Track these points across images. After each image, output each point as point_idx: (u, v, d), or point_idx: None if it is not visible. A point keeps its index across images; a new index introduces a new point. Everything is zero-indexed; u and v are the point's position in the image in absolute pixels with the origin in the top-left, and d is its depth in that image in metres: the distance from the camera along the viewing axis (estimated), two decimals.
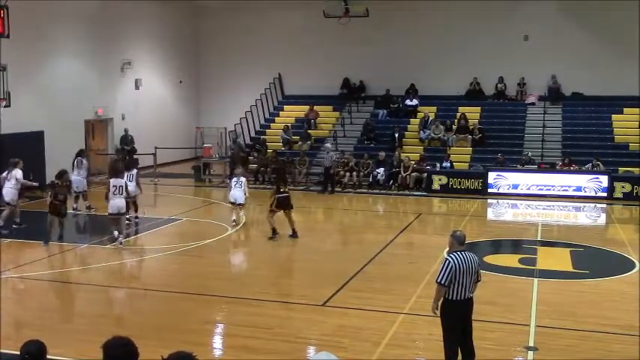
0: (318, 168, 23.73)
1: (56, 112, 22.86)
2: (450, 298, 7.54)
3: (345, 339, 9.11)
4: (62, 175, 15.16)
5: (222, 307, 10.86)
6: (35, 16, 21.33)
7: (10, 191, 16.00)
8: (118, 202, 14.73)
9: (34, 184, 17.25)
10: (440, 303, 7.62)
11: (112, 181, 14.86)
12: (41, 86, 22.55)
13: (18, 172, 16.19)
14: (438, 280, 7.54)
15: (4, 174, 16.27)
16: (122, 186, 14.89)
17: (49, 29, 22.84)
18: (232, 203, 16.75)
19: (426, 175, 22.46)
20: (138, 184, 17.23)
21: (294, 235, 15.40)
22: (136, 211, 17.30)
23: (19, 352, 5.18)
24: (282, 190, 15.30)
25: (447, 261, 7.56)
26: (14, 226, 16.13)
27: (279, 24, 29.44)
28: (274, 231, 15.23)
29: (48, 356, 5.25)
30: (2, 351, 7.50)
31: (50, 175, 19.62)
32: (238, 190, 16.56)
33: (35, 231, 15.42)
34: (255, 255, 15.02)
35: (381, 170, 23.04)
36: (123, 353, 4.27)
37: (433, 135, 25.12)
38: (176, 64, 30.47)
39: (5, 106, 18.94)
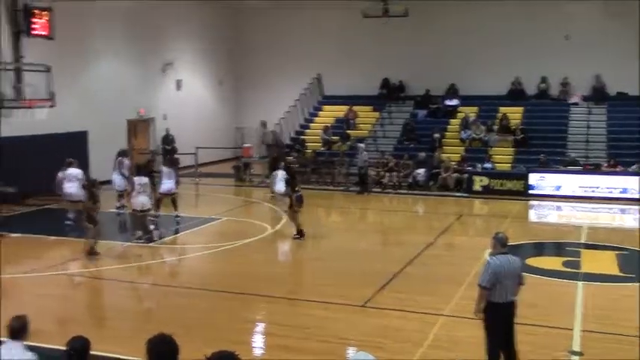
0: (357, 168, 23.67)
1: (99, 112, 23.19)
2: (492, 300, 7.44)
3: (385, 340, 9.06)
4: (96, 182, 14.78)
5: (261, 307, 10.90)
6: (79, 17, 21.67)
7: (75, 189, 16.27)
8: (142, 199, 15.05)
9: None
10: (482, 306, 7.52)
11: (137, 179, 15.24)
12: (85, 87, 22.90)
13: (79, 172, 16.63)
14: (480, 283, 7.45)
15: (60, 174, 16.60)
16: (146, 183, 15.23)
17: (93, 30, 23.18)
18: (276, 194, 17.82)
19: (466, 175, 22.24)
20: (176, 182, 17.46)
21: (300, 235, 15.48)
22: (175, 209, 17.49)
23: (64, 348, 5.28)
24: (297, 189, 15.56)
25: (489, 264, 7.48)
26: (67, 222, 16.46)
27: (318, 24, 29.44)
28: (301, 232, 15.36)
29: (92, 352, 5.34)
30: (49, 346, 7.62)
31: (94, 175, 19.98)
32: (281, 184, 17.33)
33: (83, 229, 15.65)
34: (295, 255, 15.04)
35: (421, 171, 22.87)
36: (166, 351, 4.32)
37: (474, 135, 24.85)
38: (216, 64, 30.70)
39: (50, 107, 19.31)
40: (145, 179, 15.33)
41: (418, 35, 27.67)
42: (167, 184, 16.97)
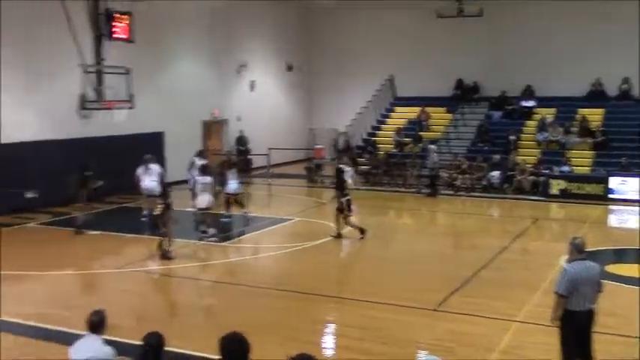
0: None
1: (175, 113, 23.74)
2: (569, 308, 7.20)
3: (456, 344, 8.93)
4: (169, 193, 14.61)
5: (331, 308, 10.93)
6: (155, 20, 22.24)
7: (154, 184, 16.75)
8: (205, 198, 15.48)
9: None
10: (559, 314, 7.29)
11: (200, 179, 15.65)
12: (161, 88, 23.45)
13: (158, 167, 17.21)
14: (557, 291, 7.23)
15: (140, 169, 17.09)
16: (209, 183, 15.66)
17: (169, 32, 23.77)
18: None
19: (543, 179, 21.68)
20: (240, 182, 17.86)
21: (339, 236, 15.45)
22: (242, 207, 17.77)
23: (140, 343, 5.42)
24: (346, 192, 15.60)
25: (566, 271, 7.24)
26: (142, 218, 16.93)
27: (391, 24, 29.32)
28: (362, 230, 15.43)
29: (166, 348, 5.46)
30: (125, 341, 7.84)
31: (170, 175, 20.49)
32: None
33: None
34: (366, 256, 14.97)
35: (495, 173, 22.43)
36: (238, 349, 4.36)
37: (551, 137, 24.20)
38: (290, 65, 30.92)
39: (129, 108, 19.91)
40: (208, 179, 15.77)
41: (493, 35, 27.19)
42: (231, 185, 17.34)
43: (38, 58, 19.02)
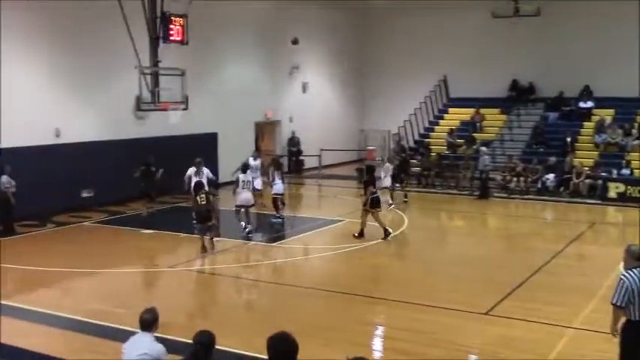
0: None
1: (228, 114, 24.00)
2: (630, 319, 6.92)
3: (507, 350, 8.78)
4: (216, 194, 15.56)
5: (380, 309, 10.90)
6: (209, 21, 22.45)
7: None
8: (245, 195, 15.80)
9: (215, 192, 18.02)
10: (618, 326, 7.03)
11: (241, 177, 15.91)
12: (214, 89, 23.67)
13: (208, 171, 17.43)
14: (613, 302, 6.97)
15: (191, 171, 17.35)
16: (249, 181, 16.00)
17: (223, 34, 24.02)
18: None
19: (600, 182, 21.14)
20: (285, 183, 18.21)
21: (386, 236, 15.37)
22: (283, 205, 18.01)
23: (191, 341, 5.50)
24: (374, 190, 15.60)
25: (622, 280, 6.93)
26: (194, 221, 17.18)
27: (445, 24, 28.99)
28: (362, 232, 15.51)
29: (216, 346, 5.52)
30: (175, 338, 7.95)
31: (223, 175, 20.75)
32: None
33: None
34: (416, 259, 14.87)
35: (550, 176, 21.98)
36: (286, 349, 4.37)
37: (610, 139, 23.58)
38: (342, 66, 30.93)
39: (183, 110, 20.17)
40: (248, 177, 16.09)
41: (549, 35, 26.63)
42: (277, 186, 17.61)
43: (98, 59, 19.51)
